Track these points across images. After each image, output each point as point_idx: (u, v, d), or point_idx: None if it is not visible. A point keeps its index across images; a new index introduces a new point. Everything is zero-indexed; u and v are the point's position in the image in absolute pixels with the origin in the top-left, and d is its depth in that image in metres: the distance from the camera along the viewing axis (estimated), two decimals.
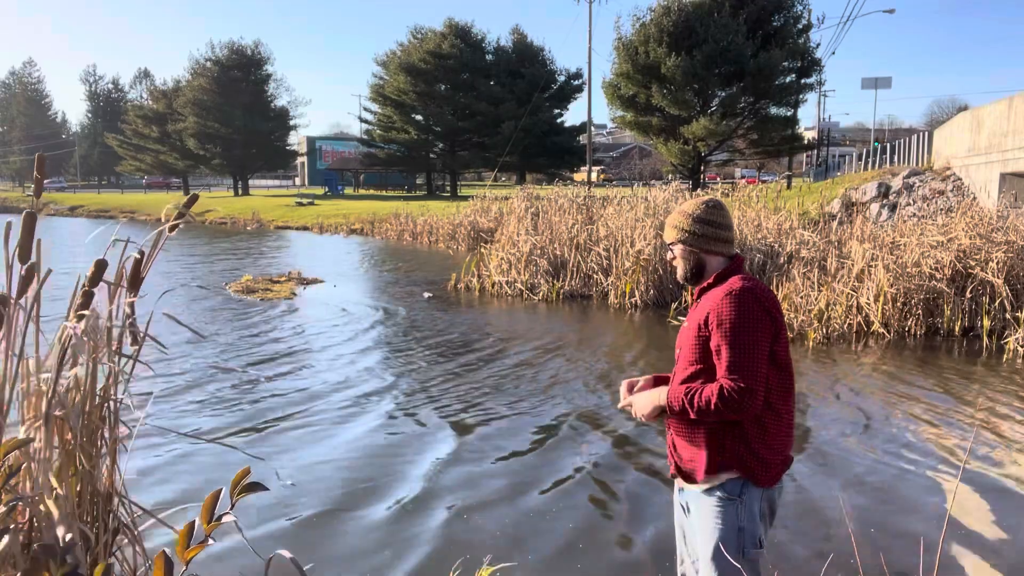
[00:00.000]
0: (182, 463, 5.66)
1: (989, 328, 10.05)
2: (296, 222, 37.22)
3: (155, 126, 62.81)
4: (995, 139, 16.05)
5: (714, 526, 2.49)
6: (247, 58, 59.39)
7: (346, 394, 7.66)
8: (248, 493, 1.65)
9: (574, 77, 52.73)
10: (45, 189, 11.66)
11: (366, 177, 68.16)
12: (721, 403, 2.37)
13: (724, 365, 2.40)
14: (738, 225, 14.56)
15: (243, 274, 16.94)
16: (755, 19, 34.15)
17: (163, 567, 1.51)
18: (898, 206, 18.48)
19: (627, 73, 35.05)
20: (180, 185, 69.90)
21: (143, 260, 2.77)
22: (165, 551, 1.57)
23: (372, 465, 5.73)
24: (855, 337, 10.41)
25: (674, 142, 35.61)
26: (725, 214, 2.69)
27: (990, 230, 11.41)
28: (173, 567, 1.56)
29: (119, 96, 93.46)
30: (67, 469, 2.65)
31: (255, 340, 10.35)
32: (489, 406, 7.28)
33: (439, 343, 10.16)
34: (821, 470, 5.68)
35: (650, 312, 12.65)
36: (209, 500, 1.64)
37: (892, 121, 79.32)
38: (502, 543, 4.45)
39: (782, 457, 2.56)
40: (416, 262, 21.03)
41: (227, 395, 7.58)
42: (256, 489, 1.66)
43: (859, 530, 4.59)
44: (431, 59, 49.13)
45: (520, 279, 14.45)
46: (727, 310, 2.44)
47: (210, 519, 1.63)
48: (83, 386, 2.65)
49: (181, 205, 2.85)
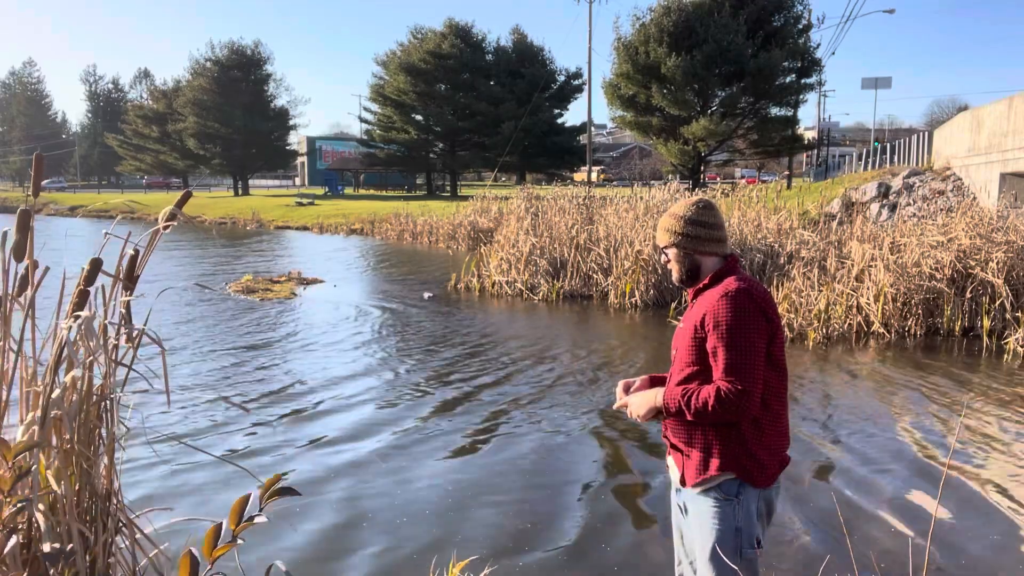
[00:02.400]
0: (173, 463, 5.65)
1: (989, 328, 10.04)
2: (296, 222, 37.21)
3: (155, 126, 62.86)
4: (995, 139, 16.05)
5: (711, 526, 2.49)
6: (247, 58, 59.40)
7: (345, 394, 7.66)
8: (279, 497, 1.66)
9: (574, 77, 52.76)
10: (45, 189, 11.57)
11: (366, 177, 68.15)
12: (719, 405, 2.37)
13: (721, 367, 2.40)
14: (738, 225, 14.57)
15: (243, 274, 16.94)
16: (755, 19, 34.15)
17: (188, 566, 1.52)
18: (898, 206, 18.48)
19: (627, 73, 35.06)
20: (180, 185, 69.93)
21: (138, 257, 2.76)
22: (192, 550, 1.57)
23: (371, 464, 5.72)
24: (855, 337, 10.41)
25: (674, 142, 35.61)
26: (716, 214, 2.68)
27: (990, 230, 11.41)
28: (199, 566, 1.56)
29: (119, 96, 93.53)
30: (65, 469, 2.65)
31: (255, 340, 10.35)
32: (488, 405, 7.27)
33: (439, 343, 10.16)
34: (820, 470, 5.67)
35: (650, 312, 12.64)
36: (239, 502, 1.65)
37: (892, 121, 79.34)
38: (500, 542, 4.45)
39: (779, 458, 2.56)
40: (416, 262, 21.03)
41: (225, 393, 7.57)
42: (288, 494, 1.67)
43: (858, 531, 4.59)
44: (431, 59, 49.14)
45: (520, 279, 14.45)
46: (723, 311, 2.43)
47: (239, 521, 1.64)
48: (80, 385, 2.65)
49: (174, 205, 2.84)
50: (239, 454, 5.89)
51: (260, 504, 1.69)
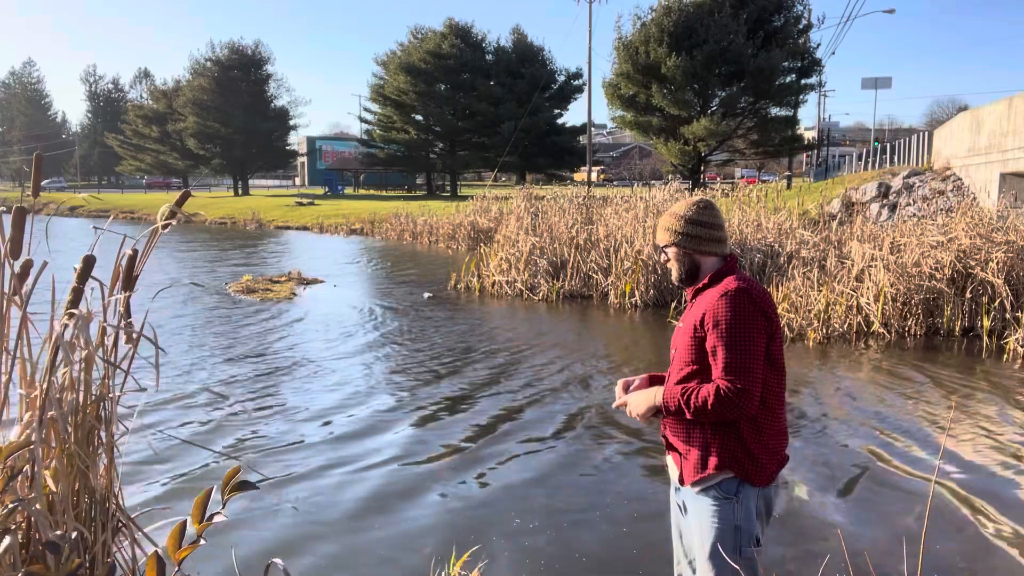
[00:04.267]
0: (173, 462, 5.65)
1: (989, 328, 10.03)
2: (296, 222, 37.20)
3: (155, 126, 62.84)
4: (995, 139, 16.04)
5: (711, 525, 2.49)
6: (247, 58, 59.37)
7: (344, 393, 7.65)
8: (239, 492, 1.64)
9: (574, 77, 52.73)
10: (45, 189, 11.56)
11: (366, 177, 68.14)
12: (718, 404, 2.37)
13: (720, 366, 2.40)
14: (738, 225, 14.56)
15: (243, 274, 16.94)
16: (755, 19, 34.16)
17: (155, 567, 1.50)
18: (898, 206, 18.47)
19: (627, 73, 35.06)
20: (180, 185, 69.91)
21: (136, 257, 2.76)
22: (158, 551, 1.55)
23: (370, 464, 5.72)
24: (855, 337, 10.40)
25: (674, 142, 35.60)
26: (716, 214, 2.68)
27: (990, 230, 11.40)
28: (165, 567, 1.55)
29: (119, 96, 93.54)
30: (64, 469, 2.64)
31: (254, 340, 10.34)
32: (487, 405, 7.27)
33: (438, 343, 10.16)
34: (818, 470, 5.67)
35: (650, 312, 12.64)
36: (200, 500, 1.63)
37: (892, 121, 79.36)
38: (498, 541, 4.44)
39: (778, 457, 2.56)
40: (416, 262, 21.02)
41: (225, 393, 7.57)
42: (247, 488, 1.65)
43: (856, 530, 4.59)
44: (431, 59, 49.14)
45: (520, 279, 14.44)
46: (723, 311, 2.43)
47: (201, 518, 1.62)
48: (78, 385, 2.65)
49: (173, 204, 2.84)
50: (239, 453, 5.88)
51: (222, 499, 1.67)
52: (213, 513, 1.63)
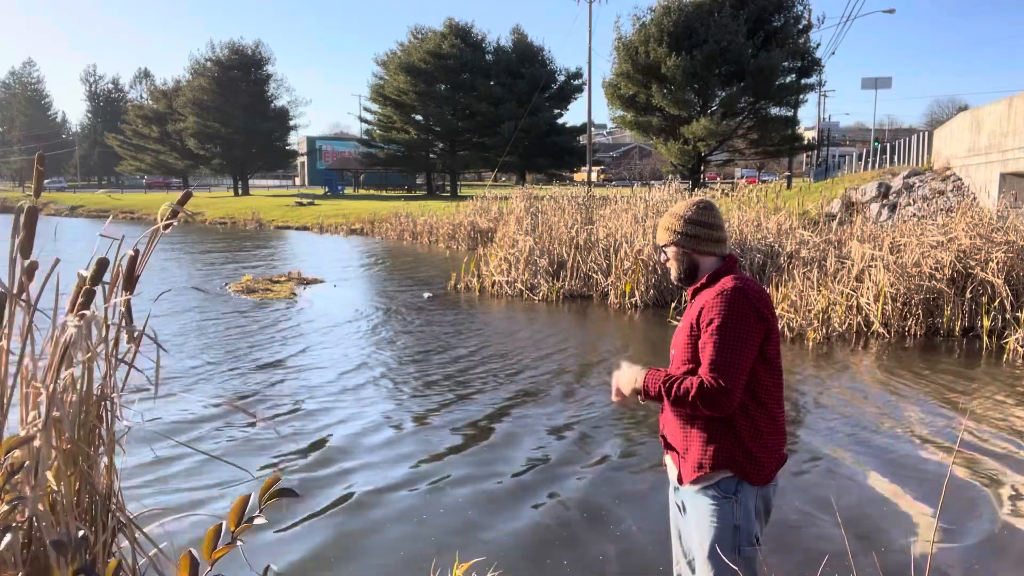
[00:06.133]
0: (172, 463, 5.65)
1: (989, 328, 10.04)
2: (296, 222, 37.20)
3: (155, 126, 62.85)
4: (995, 139, 16.05)
5: (709, 524, 2.50)
6: (247, 58, 59.36)
7: (343, 393, 7.66)
8: (278, 498, 1.66)
9: (574, 77, 52.73)
10: (45, 189, 11.53)
11: (366, 177, 68.14)
12: (699, 397, 2.38)
13: (707, 361, 2.42)
14: (738, 225, 14.57)
15: (243, 274, 16.94)
16: (755, 19, 34.16)
17: (188, 567, 1.52)
18: (898, 206, 18.48)
19: (627, 73, 35.07)
20: (180, 185, 69.93)
21: (138, 258, 2.76)
22: (191, 551, 1.57)
23: (370, 465, 5.73)
24: (855, 337, 10.41)
25: (674, 142, 35.61)
26: (716, 214, 2.69)
27: (990, 230, 11.41)
28: (199, 567, 1.57)
29: (119, 96, 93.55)
30: (66, 468, 2.65)
31: (255, 340, 10.35)
32: (487, 405, 7.28)
33: (438, 343, 10.16)
34: (817, 470, 5.68)
35: (650, 312, 12.65)
36: (238, 503, 1.65)
37: (892, 121, 79.37)
38: (497, 540, 4.45)
39: (776, 456, 2.57)
40: (416, 262, 21.03)
41: (225, 393, 7.58)
42: (287, 495, 1.68)
43: (857, 530, 4.59)
44: (431, 59, 49.14)
45: (520, 279, 14.45)
46: (717, 309, 2.45)
47: (239, 522, 1.64)
48: (80, 385, 2.65)
49: (175, 203, 2.84)
50: (239, 454, 5.89)
51: (259, 505, 1.69)
52: (252, 516, 1.65)
